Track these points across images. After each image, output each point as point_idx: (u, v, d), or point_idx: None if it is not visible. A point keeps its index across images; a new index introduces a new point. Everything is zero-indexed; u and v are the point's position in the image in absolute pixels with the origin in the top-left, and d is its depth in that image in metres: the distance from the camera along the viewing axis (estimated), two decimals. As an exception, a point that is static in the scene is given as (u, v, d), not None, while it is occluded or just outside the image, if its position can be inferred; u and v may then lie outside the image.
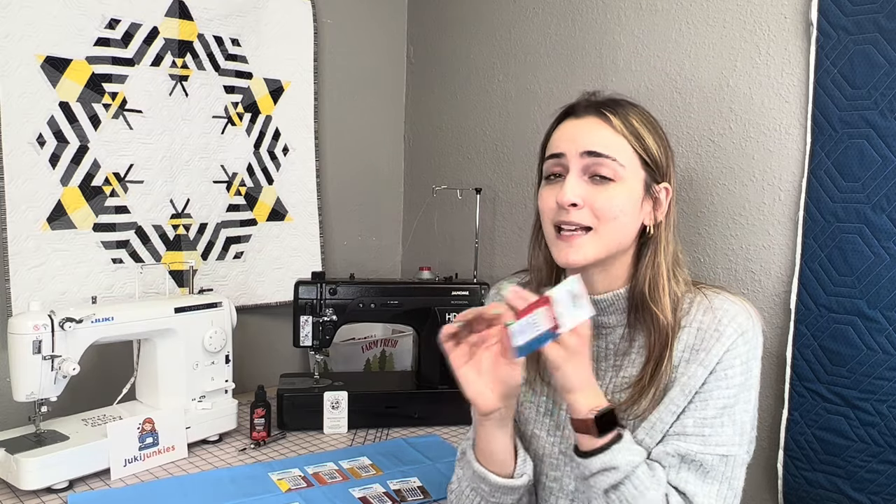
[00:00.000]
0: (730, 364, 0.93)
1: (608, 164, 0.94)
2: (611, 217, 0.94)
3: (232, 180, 1.81)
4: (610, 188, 0.95)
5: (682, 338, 0.96)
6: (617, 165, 0.94)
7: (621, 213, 0.95)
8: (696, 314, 0.96)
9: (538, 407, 1.06)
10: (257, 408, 1.49)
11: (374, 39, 2.10)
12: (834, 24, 1.23)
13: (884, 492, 1.20)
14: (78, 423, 1.37)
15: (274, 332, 1.91)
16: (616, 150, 0.95)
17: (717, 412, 0.93)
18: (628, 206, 0.95)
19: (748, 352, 0.94)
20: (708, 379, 0.93)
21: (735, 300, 0.97)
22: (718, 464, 0.92)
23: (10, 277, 1.47)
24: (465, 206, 1.97)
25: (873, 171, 1.20)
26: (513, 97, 1.87)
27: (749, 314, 0.96)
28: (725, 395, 0.93)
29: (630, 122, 0.97)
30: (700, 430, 0.93)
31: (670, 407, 0.94)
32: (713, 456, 0.92)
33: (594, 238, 0.95)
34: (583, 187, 0.95)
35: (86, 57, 1.55)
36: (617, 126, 0.96)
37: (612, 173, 0.94)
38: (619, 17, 1.60)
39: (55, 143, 1.53)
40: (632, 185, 0.96)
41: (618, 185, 0.95)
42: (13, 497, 1.22)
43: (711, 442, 0.92)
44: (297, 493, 1.26)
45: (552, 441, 1.04)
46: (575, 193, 0.94)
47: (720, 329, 0.94)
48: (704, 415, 0.93)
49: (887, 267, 1.19)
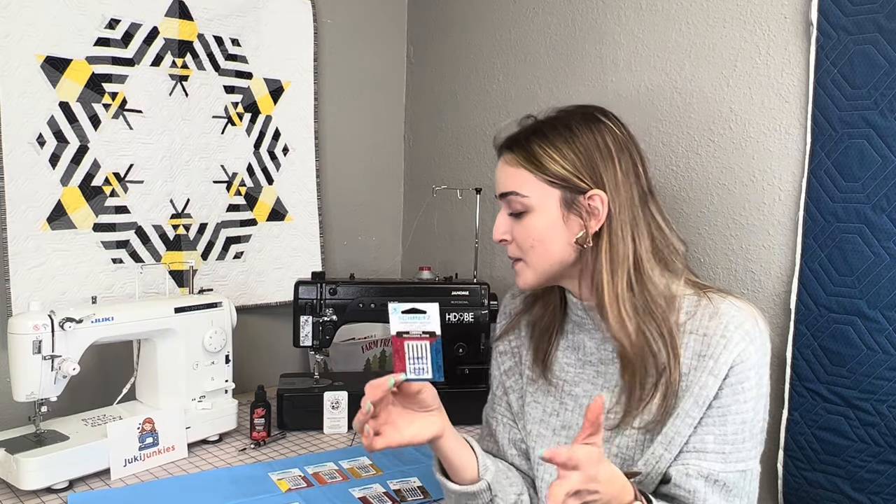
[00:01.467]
0: (745, 377, 0.93)
1: (514, 200, 1.00)
2: (528, 246, 1.00)
3: (232, 180, 1.81)
4: (524, 220, 1.00)
5: (689, 344, 0.95)
6: (521, 198, 0.99)
7: (537, 240, 0.99)
8: (701, 320, 0.95)
9: (545, 407, 1.07)
10: (257, 408, 1.49)
11: (374, 39, 2.11)
12: (834, 24, 1.23)
13: (884, 492, 1.20)
14: (78, 423, 1.37)
15: (274, 332, 1.91)
16: (517, 183, 0.99)
17: (737, 428, 0.93)
18: (545, 232, 0.98)
19: (759, 360, 0.94)
20: (723, 391, 0.93)
21: (742, 305, 0.96)
22: (739, 480, 0.93)
23: (10, 277, 1.47)
24: (465, 206, 1.97)
25: (873, 171, 1.20)
26: (513, 97, 1.87)
27: (755, 320, 0.95)
28: (744, 409, 0.93)
29: (528, 150, 0.99)
30: (721, 447, 0.93)
31: (686, 420, 0.93)
32: (734, 473, 0.93)
33: (525, 267, 1.02)
34: (507, 224, 1.02)
35: (86, 57, 1.55)
36: (512, 161, 1.01)
37: (521, 206, 0.99)
38: (619, 17, 1.60)
39: (55, 143, 1.53)
40: (545, 210, 0.98)
41: (531, 215, 0.99)
42: (13, 497, 1.22)
43: (732, 459, 0.93)
44: (297, 493, 1.26)
45: (558, 441, 1.04)
46: (500, 231, 1.02)
47: (726, 335, 0.93)
48: (724, 431, 0.93)
49: (887, 267, 1.19)
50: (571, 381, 1.05)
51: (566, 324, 1.09)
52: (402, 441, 0.96)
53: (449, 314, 1.64)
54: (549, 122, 1.01)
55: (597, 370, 1.04)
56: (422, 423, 0.98)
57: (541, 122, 1.02)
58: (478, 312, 1.65)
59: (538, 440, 1.07)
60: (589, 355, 1.05)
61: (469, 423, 1.57)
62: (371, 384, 0.94)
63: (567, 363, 1.07)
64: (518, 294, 1.19)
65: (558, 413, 1.05)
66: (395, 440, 0.96)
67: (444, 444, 1.00)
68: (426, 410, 0.99)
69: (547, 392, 1.07)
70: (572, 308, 1.07)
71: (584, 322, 1.05)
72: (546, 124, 1.01)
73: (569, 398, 1.05)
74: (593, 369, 1.04)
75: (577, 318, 1.06)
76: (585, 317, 1.04)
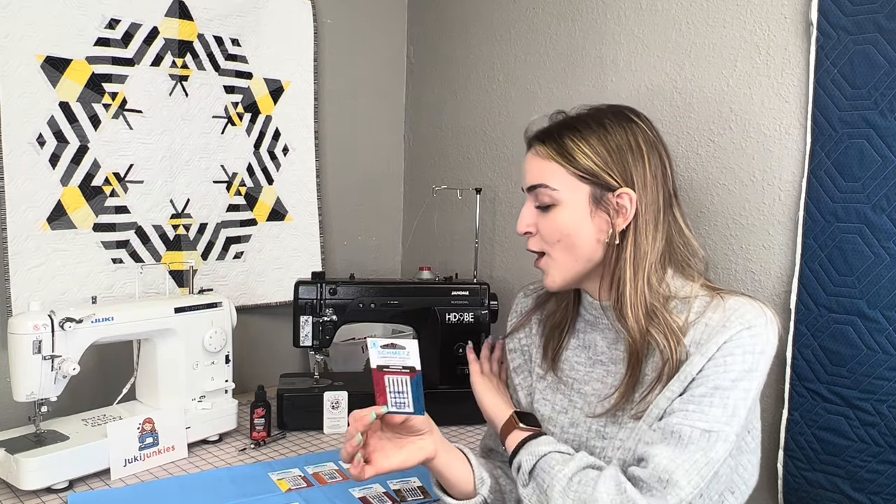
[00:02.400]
0: (729, 352, 0.91)
1: (543, 192, 0.99)
2: (554, 240, 0.99)
3: (232, 180, 1.81)
4: (552, 213, 0.99)
5: (690, 334, 0.95)
6: (550, 191, 0.99)
7: (564, 235, 0.99)
8: (708, 313, 0.95)
9: (553, 405, 1.08)
10: (257, 408, 1.49)
11: (374, 39, 2.11)
12: (834, 24, 1.23)
13: (884, 492, 1.20)
14: (78, 423, 1.37)
15: (274, 332, 1.91)
16: (547, 176, 0.99)
17: (707, 391, 0.90)
18: (572, 226, 0.98)
19: (754, 345, 0.92)
20: (706, 365, 0.92)
21: (751, 301, 0.96)
22: (699, 438, 0.88)
23: (10, 277, 1.47)
24: (465, 206, 1.97)
25: (873, 171, 1.20)
26: (513, 97, 1.86)
27: (762, 312, 0.94)
28: (721, 377, 0.90)
29: (560, 143, 0.99)
30: (684, 406, 0.91)
31: (666, 393, 0.93)
32: (693, 429, 0.89)
33: (549, 262, 1.02)
34: (533, 216, 1.02)
35: (86, 57, 1.55)
36: (543, 153, 1.00)
37: (549, 199, 0.99)
38: (619, 17, 1.60)
39: (55, 143, 1.53)
40: (574, 204, 0.98)
41: (559, 209, 0.99)
42: (13, 497, 1.22)
43: (693, 418, 0.89)
44: (297, 493, 1.26)
45: (566, 438, 1.04)
46: (525, 223, 1.02)
47: (726, 324, 0.93)
48: (692, 393, 0.91)
49: (887, 267, 1.19)
50: (581, 380, 1.06)
51: (577, 322, 1.09)
52: (391, 467, 0.97)
53: (449, 314, 1.64)
54: (581, 118, 1.01)
55: (607, 369, 1.04)
56: (411, 448, 0.99)
57: (573, 117, 1.02)
58: (478, 312, 1.65)
59: None
60: (599, 354, 1.05)
61: (469, 423, 1.57)
62: (354, 416, 0.96)
63: (577, 361, 1.07)
64: (531, 292, 1.19)
65: (567, 410, 1.06)
66: (384, 467, 0.97)
67: (437, 464, 1.02)
68: (417, 435, 1.00)
69: (556, 389, 1.08)
70: (587, 307, 1.07)
71: (597, 321, 1.05)
72: (579, 120, 1.01)
73: (578, 396, 1.06)
74: (603, 368, 1.04)
75: (591, 317, 1.06)
76: (601, 316, 1.04)
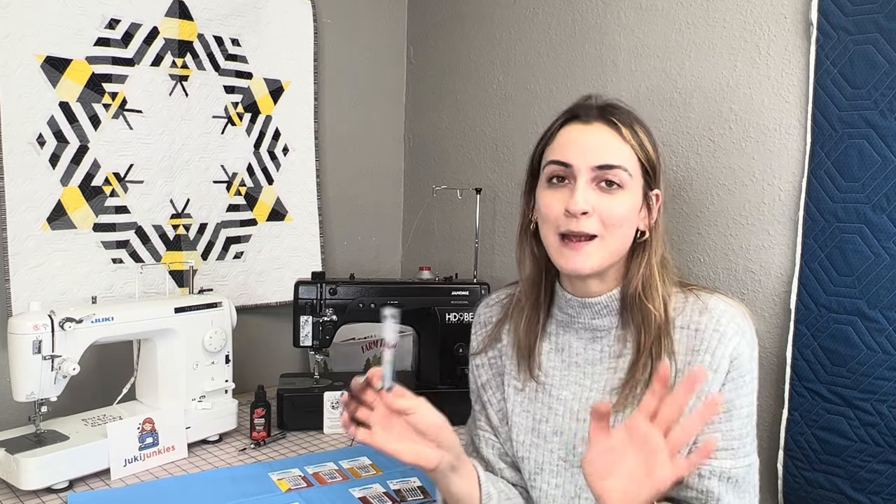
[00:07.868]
0: (744, 370, 0.94)
1: (618, 174, 0.95)
2: (617, 225, 0.95)
3: (232, 180, 1.81)
4: (617, 196, 0.95)
5: (682, 340, 0.95)
6: (625, 174, 0.95)
7: (626, 220, 0.96)
8: (691, 315, 0.96)
9: (534, 415, 1.05)
10: (257, 408, 1.49)
11: (374, 39, 2.10)
12: (834, 24, 1.23)
13: (884, 492, 1.20)
14: (78, 423, 1.37)
15: (274, 332, 1.91)
16: (625, 158, 0.96)
17: (742, 423, 0.94)
18: (631, 214, 0.97)
19: (751, 353, 0.95)
20: (725, 386, 0.93)
21: (730, 302, 0.98)
22: (746, 474, 0.94)
23: (10, 277, 1.47)
24: (465, 206, 1.97)
25: (873, 171, 1.20)
26: (513, 97, 1.86)
27: (744, 315, 0.97)
28: (746, 403, 0.94)
29: (634, 130, 0.98)
30: (729, 443, 0.94)
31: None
32: (742, 468, 0.94)
33: (600, 245, 0.95)
34: (592, 195, 0.95)
35: (86, 57, 1.55)
36: (626, 135, 0.96)
37: (620, 181, 0.95)
38: (619, 17, 1.60)
39: (55, 143, 1.53)
40: (634, 193, 0.97)
41: (624, 193, 0.96)
42: (13, 497, 1.22)
43: (740, 454, 0.94)
44: (297, 493, 1.26)
45: (551, 448, 1.02)
46: (586, 202, 0.93)
47: (720, 330, 0.94)
48: (731, 427, 0.93)
49: (887, 267, 1.19)
50: (558, 385, 1.03)
51: (548, 325, 1.06)
52: (384, 447, 0.90)
53: (449, 314, 1.64)
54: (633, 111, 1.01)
55: (583, 371, 1.02)
56: (412, 447, 0.91)
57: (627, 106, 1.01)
58: (478, 312, 1.65)
59: (531, 449, 1.04)
60: (574, 356, 1.03)
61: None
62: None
63: (551, 366, 1.04)
64: (493, 302, 1.15)
65: (548, 419, 1.03)
66: (377, 442, 0.90)
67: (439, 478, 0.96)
68: (433, 442, 0.93)
69: (534, 399, 1.05)
70: (562, 307, 1.04)
71: (572, 321, 1.03)
72: (633, 111, 1.00)
73: (557, 403, 1.03)
74: (579, 370, 1.02)
75: (566, 316, 1.03)
76: (577, 314, 1.02)
